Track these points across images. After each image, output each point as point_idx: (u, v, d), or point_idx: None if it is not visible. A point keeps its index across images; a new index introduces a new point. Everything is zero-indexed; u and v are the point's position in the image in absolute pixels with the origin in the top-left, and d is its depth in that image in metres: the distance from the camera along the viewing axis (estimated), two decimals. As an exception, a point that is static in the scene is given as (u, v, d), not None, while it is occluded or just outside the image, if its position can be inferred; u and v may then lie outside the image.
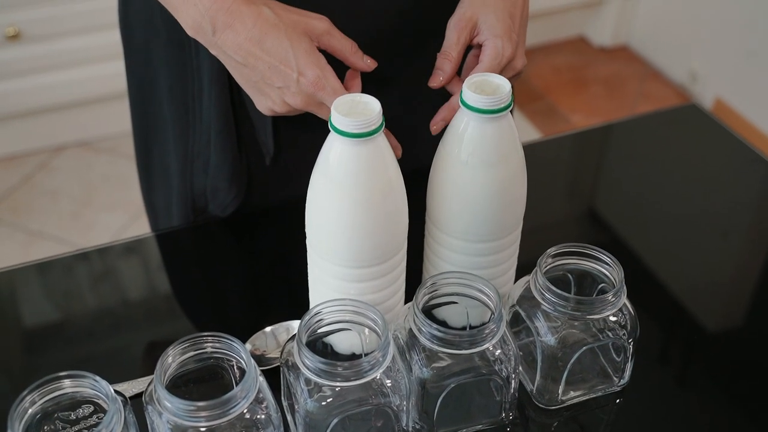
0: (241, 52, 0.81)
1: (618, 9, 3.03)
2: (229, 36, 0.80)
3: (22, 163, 2.52)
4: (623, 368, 0.83)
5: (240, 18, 0.80)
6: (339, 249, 0.76)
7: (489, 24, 0.86)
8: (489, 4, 0.87)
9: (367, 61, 0.85)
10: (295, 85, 0.81)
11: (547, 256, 0.80)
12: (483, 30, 0.87)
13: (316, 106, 0.83)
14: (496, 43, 0.85)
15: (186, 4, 0.81)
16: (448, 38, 0.87)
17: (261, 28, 0.80)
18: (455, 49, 0.86)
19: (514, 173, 0.79)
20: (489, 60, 0.85)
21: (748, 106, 2.64)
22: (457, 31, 0.86)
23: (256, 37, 0.80)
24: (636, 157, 1.22)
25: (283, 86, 0.82)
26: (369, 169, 0.73)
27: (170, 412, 0.67)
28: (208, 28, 0.81)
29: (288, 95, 0.82)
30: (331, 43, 0.83)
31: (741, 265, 1.05)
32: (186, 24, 0.82)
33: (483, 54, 0.86)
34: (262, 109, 0.86)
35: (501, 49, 0.85)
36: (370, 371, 0.70)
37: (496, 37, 0.86)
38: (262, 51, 0.80)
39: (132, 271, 1.01)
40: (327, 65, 0.81)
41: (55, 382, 0.68)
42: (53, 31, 2.34)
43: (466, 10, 0.87)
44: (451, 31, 0.87)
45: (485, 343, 0.73)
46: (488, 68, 0.85)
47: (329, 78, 0.81)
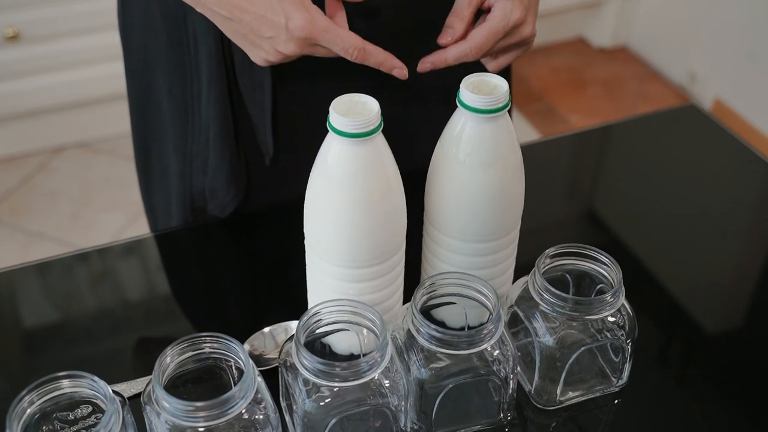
0: (225, 5, 0.80)
1: (617, 10, 3.03)
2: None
3: (22, 164, 2.52)
4: (621, 369, 0.83)
5: None
6: (337, 249, 0.76)
7: None
8: None
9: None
10: (285, 32, 0.80)
11: (546, 257, 0.80)
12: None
13: (311, 48, 0.82)
14: (504, 5, 0.84)
15: None
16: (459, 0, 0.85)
17: None
18: (467, 9, 0.85)
19: (512, 173, 0.79)
20: (495, 20, 0.84)
21: (747, 106, 2.64)
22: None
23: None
24: (635, 157, 1.22)
25: (274, 35, 0.80)
26: (367, 169, 0.73)
27: (168, 413, 0.67)
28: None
29: (280, 44, 0.81)
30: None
31: (740, 265, 1.05)
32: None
33: (490, 15, 0.85)
34: (257, 60, 0.84)
35: (509, 12, 0.84)
36: (369, 372, 0.70)
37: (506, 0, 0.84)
38: (245, 2, 0.79)
39: (131, 271, 1.01)
40: (312, 5, 0.80)
41: (54, 382, 0.68)
42: (52, 32, 2.34)
43: None
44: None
45: (483, 344, 0.73)
46: (492, 29, 0.83)
47: (317, 18, 0.79)
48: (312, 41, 0.80)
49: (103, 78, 2.41)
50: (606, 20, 3.07)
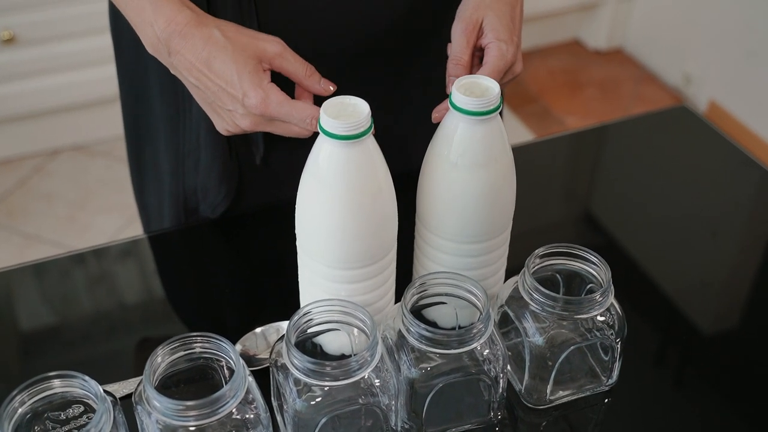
0: (194, 72, 0.82)
1: (613, 12, 3.04)
2: (181, 58, 0.82)
3: (18, 166, 2.52)
4: (611, 368, 0.83)
5: (191, 40, 0.81)
6: (329, 250, 0.77)
7: (493, 26, 0.86)
8: (492, 7, 0.87)
9: (324, 85, 0.85)
10: (242, 108, 0.82)
11: (535, 257, 0.80)
12: (486, 32, 0.86)
13: (267, 124, 0.84)
14: (500, 46, 0.85)
15: (144, 24, 0.83)
16: (457, 42, 0.87)
17: (210, 51, 0.81)
18: (466, 53, 0.86)
19: (504, 175, 0.80)
20: (494, 62, 0.85)
21: (742, 108, 2.65)
22: (466, 34, 0.86)
23: (205, 59, 0.81)
24: (627, 158, 1.23)
25: (232, 109, 0.83)
26: (358, 171, 0.73)
27: (159, 412, 0.67)
28: (163, 50, 0.83)
29: (237, 117, 0.84)
30: (283, 65, 0.84)
31: (731, 266, 1.06)
32: (146, 44, 0.84)
33: (488, 56, 0.86)
34: (219, 129, 0.87)
35: (505, 52, 0.85)
36: (359, 371, 0.70)
37: (500, 41, 0.86)
38: (211, 72, 0.82)
39: (123, 272, 1.02)
40: (270, 84, 0.82)
41: (45, 382, 0.68)
42: (48, 34, 2.34)
43: (472, 14, 0.87)
44: (458, 35, 0.87)
45: (473, 343, 0.74)
46: (493, 70, 0.84)
47: (271, 95, 0.82)
48: (268, 117, 0.83)
49: (99, 80, 2.41)
50: (601, 22, 3.08)
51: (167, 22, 0.81)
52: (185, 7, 0.82)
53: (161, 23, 0.82)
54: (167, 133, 1.03)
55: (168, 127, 1.03)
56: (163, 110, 1.02)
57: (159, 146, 1.06)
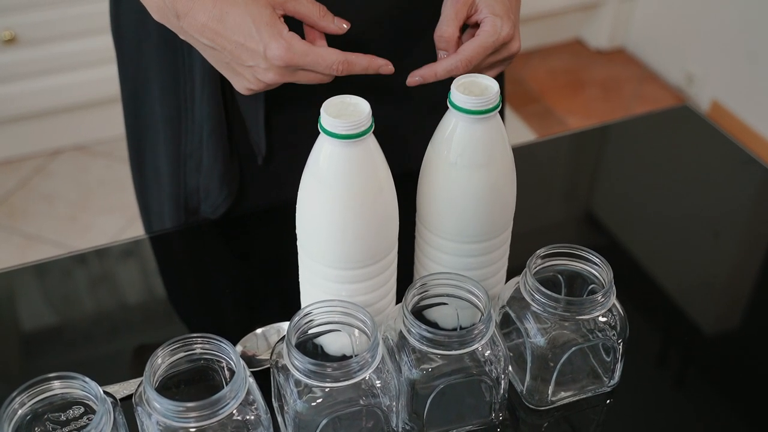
0: (206, 33, 0.80)
1: (614, 11, 3.03)
2: (192, 19, 0.79)
3: (19, 166, 2.52)
4: (613, 369, 0.83)
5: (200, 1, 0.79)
6: (329, 251, 0.76)
7: (488, 3, 0.85)
8: None
9: (339, 24, 0.83)
10: (264, 61, 0.80)
11: (537, 257, 0.80)
12: (481, 8, 0.85)
13: (291, 75, 0.82)
14: (494, 21, 0.84)
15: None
16: (445, 14, 0.85)
17: (221, 7, 0.78)
18: (453, 25, 0.85)
19: (504, 174, 0.79)
20: (485, 36, 0.84)
21: (744, 108, 2.65)
22: (455, 7, 0.85)
23: (218, 16, 0.78)
24: (629, 158, 1.22)
25: (254, 64, 0.80)
26: (359, 171, 0.73)
27: (159, 413, 0.67)
28: (171, 14, 0.80)
29: (260, 72, 0.81)
30: (296, 8, 0.81)
31: (733, 266, 1.06)
32: (152, 10, 0.81)
33: (480, 29, 0.85)
34: (240, 89, 0.84)
35: (499, 28, 0.84)
36: (359, 372, 0.70)
37: (495, 16, 0.84)
38: (225, 30, 0.79)
39: (124, 273, 1.02)
40: (289, 32, 0.80)
41: (45, 383, 0.68)
42: (49, 34, 2.34)
43: None
44: (448, 8, 0.85)
45: (474, 344, 0.74)
46: (483, 44, 0.83)
47: (295, 44, 0.79)
48: (293, 67, 0.80)
49: (100, 81, 2.41)
50: (603, 22, 3.07)
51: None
52: None
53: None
54: (168, 134, 1.03)
55: (168, 128, 1.03)
56: (164, 111, 1.02)
57: (159, 147, 1.06)
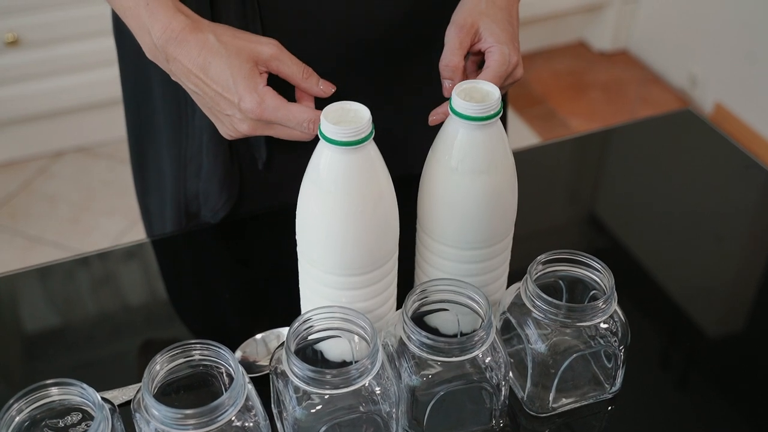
0: (191, 78, 0.82)
1: (618, 14, 3.03)
2: (178, 65, 0.82)
3: (21, 168, 2.52)
4: (614, 375, 0.82)
5: (187, 47, 0.81)
6: (329, 257, 0.76)
7: (492, 30, 0.85)
8: (488, 13, 0.86)
9: (323, 87, 0.85)
10: (239, 112, 0.82)
11: (538, 263, 0.80)
12: (486, 37, 0.85)
13: (266, 128, 0.84)
14: (502, 50, 0.84)
15: (141, 31, 0.83)
16: (449, 44, 0.86)
17: (205, 57, 0.81)
18: (458, 55, 0.85)
19: (505, 180, 0.79)
20: (497, 66, 0.84)
21: (748, 110, 2.64)
22: (459, 37, 0.85)
23: (201, 65, 0.81)
24: (632, 162, 1.22)
25: (230, 114, 0.83)
26: (359, 177, 0.73)
27: (158, 420, 0.67)
28: (161, 57, 0.83)
29: (236, 122, 0.84)
30: (280, 68, 0.83)
31: (736, 271, 1.05)
32: (145, 50, 0.84)
33: (490, 60, 0.85)
34: (222, 134, 0.87)
35: (507, 56, 0.85)
36: (359, 379, 0.70)
37: (502, 44, 0.85)
38: (207, 78, 0.82)
39: (124, 277, 1.01)
40: (266, 88, 0.82)
41: (42, 390, 0.68)
42: (52, 36, 2.34)
43: (467, 17, 0.86)
44: (452, 37, 0.86)
45: (474, 351, 0.73)
46: (496, 74, 0.83)
47: (266, 99, 0.81)
48: (265, 121, 0.82)
49: (102, 82, 2.41)
50: (606, 24, 3.07)
51: (163, 29, 0.81)
52: (179, 13, 0.82)
53: (157, 30, 0.81)
54: (169, 138, 1.03)
55: (170, 132, 1.02)
56: (165, 116, 1.02)
57: (161, 151, 1.06)
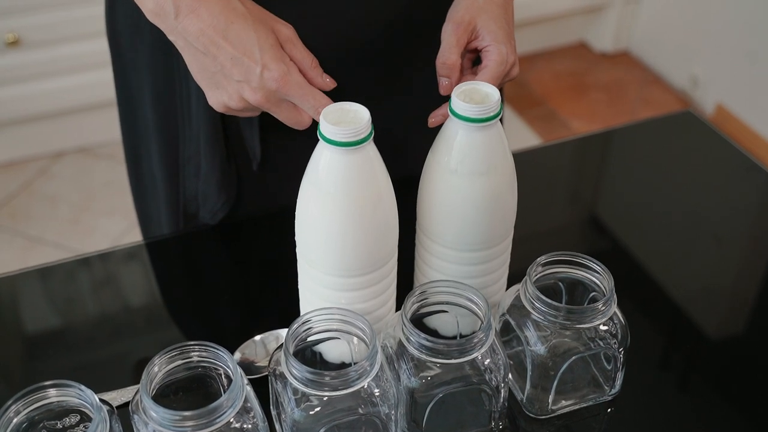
0: (203, 39, 0.78)
1: (619, 15, 3.03)
2: (192, 21, 0.78)
3: (22, 169, 2.52)
4: (614, 377, 0.82)
5: (206, 4, 0.77)
6: (329, 258, 0.76)
7: (489, 29, 0.85)
8: (486, 9, 0.86)
9: (326, 79, 0.83)
10: (258, 79, 0.79)
11: (537, 265, 0.80)
12: (484, 35, 0.85)
13: (275, 103, 0.81)
14: (500, 49, 0.84)
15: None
16: (446, 41, 0.85)
17: (227, 17, 0.78)
18: (455, 52, 0.85)
19: (504, 182, 0.79)
20: (495, 65, 0.84)
21: (749, 112, 2.64)
22: (456, 34, 0.85)
23: (221, 26, 0.78)
24: (632, 163, 1.22)
25: (244, 80, 0.79)
26: (359, 178, 0.73)
27: (156, 422, 0.67)
28: (170, 11, 0.78)
29: (247, 90, 0.80)
30: (292, 52, 0.81)
31: (736, 273, 1.05)
32: (146, 7, 0.80)
33: (488, 59, 0.84)
34: (213, 103, 0.83)
35: (505, 56, 0.84)
36: (358, 380, 0.69)
37: (500, 43, 0.84)
38: (225, 41, 0.78)
39: (122, 279, 1.01)
40: (292, 63, 0.80)
41: (40, 391, 0.68)
42: (52, 37, 2.34)
43: (464, 15, 0.86)
44: (449, 34, 0.85)
45: (474, 353, 0.73)
46: (494, 73, 0.83)
47: (293, 73, 0.79)
48: (281, 95, 0.80)
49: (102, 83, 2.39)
50: (608, 25, 3.07)
51: None
52: None
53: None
54: (162, 140, 1.02)
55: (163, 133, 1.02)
56: (159, 118, 1.01)
57: (154, 153, 1.05)
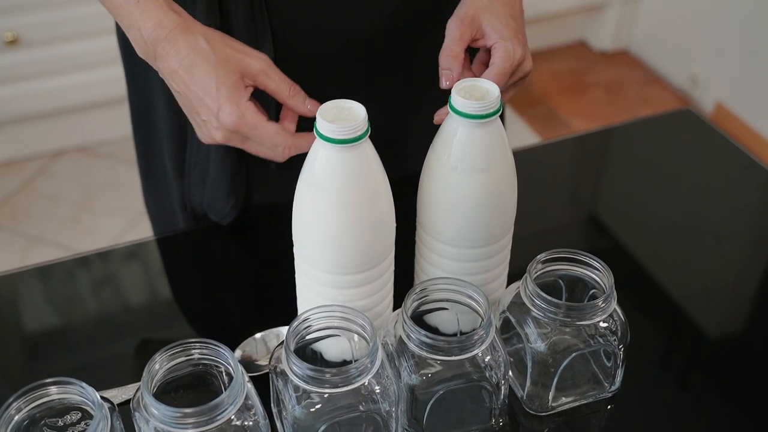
0: (176, 78, 0.82)
1: (618, 13, 3.03)
2: (166, 62, 0.82)
3: (22, 168, 2.52)
4: (614, 374, 0.82)
5: (176, 46, 0.81)
6: (325, 256, 0.76)
7: (495, 27, 0.85)
8: (490, 8, 0.86)
9: (309, 105, 0.85)
10: (216, 120, 0.82)
11: (537, 262, 0.80)
12: (489, 33, 0.85)
13: (239, 141, 0.84)
14: (506, 45, 0.84)
15: (133, 29, 0.83)
16: (450, 35, 0.85)
17: (192, 58, 0.81)
18: (459, 45, 0.84)
19: (504, 179, 0.79)
20: (501, 62, 0.84)
21: (748, 110, 2.64)
22: (460, 29, 0.85)
23: (187, 66, 0.81)
24: (632, 161, 1.22)
25: (207, 119, 0.83)
26: (355, 176, 0.73)
27: (157, 419, 0.67)
28: (151, 54, 0.83)
29: (211, 129, 0.84)
30: (267, 83, 0.83)
31: (736, 271, 1.05)
32: (136, 48, 0.84)
33: (494, 56, 0.84)
34: (199, 136, 0.87)
35: (512, 51, 0.84)
36: (358, 378, 0.70)
37: (506, 40, 0.84)
38: (191, 80, 0.82)
39: (124, 276, 1.01)
40: (247, 103, 0.82)
41: (42, 389, 0.68)
42: (52, 36, 2.34)
43: (468, 10, 0.86)
44: (452, 29, 0.85)
45: (474, 350, 0.73)
46: (501, 70, 0.83)
47: (247, 115, 0.82)
48: (241, 135, 0.83)
49: (102, 82, 2.41)
50: (607, 24, 3.07)
51: (154, 26, 0.81)
52: (171, 11, 0.82)
53: (149, 26, 0.81)
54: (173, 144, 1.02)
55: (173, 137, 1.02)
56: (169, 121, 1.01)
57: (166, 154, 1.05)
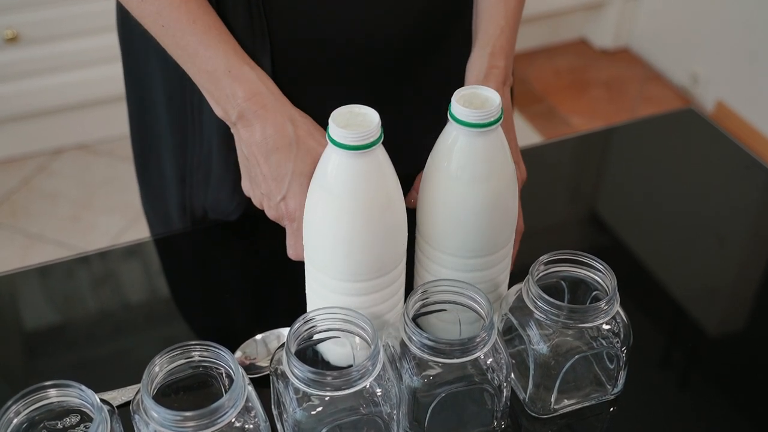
0: (249, 149, 0.83)
1: (619, 11, 3.02)
2: (246, 132, 0.83)
3: (21, 166, 2.52)
4: (617, 376, 0.82)
5: (262, 123, 0.82)
6: (336, 263, 0.75)
7: None
8: None
9: None
10: (275, 204, 0.83)
11: (540, 264, 0.79)
12: None
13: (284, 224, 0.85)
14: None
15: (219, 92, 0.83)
16: None
17: (275, 143, 0.81)
18: None
19: (506, 187, 0.78)
20: None
21: (749, 108, 2.63)
22: None
23: (266, 149, 0.82)
24: (633, 161, 1.22)
25: (267, 195, 0.84)
26: (367, 182, 0.72)
27: (157, 422, 0.66)
28: (233, 115, 0.83)
29: (265, 203, 0.85)
30: None
31: (738, 271, 1.05)
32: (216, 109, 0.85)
33: None
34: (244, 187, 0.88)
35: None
36: (360, 380, 0.69)
37: None
38: (266, 162, 0.82)
39: (124, 277, 1.01)
40: None
41: (40, 391, 0.67)
42: (52, 33, 2.34)
43: None
44: None
45: (476, 352, 0.73)
46: None
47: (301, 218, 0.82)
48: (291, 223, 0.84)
49: (102, 79, 2.40)
50: (608, 21, 3.06)
51: (249, 95, 0.82)
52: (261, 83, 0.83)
53: (241, 95, 0.82)
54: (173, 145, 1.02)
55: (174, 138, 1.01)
56: (170, 122, 1.00)
57: (165, 154, 1.05)
